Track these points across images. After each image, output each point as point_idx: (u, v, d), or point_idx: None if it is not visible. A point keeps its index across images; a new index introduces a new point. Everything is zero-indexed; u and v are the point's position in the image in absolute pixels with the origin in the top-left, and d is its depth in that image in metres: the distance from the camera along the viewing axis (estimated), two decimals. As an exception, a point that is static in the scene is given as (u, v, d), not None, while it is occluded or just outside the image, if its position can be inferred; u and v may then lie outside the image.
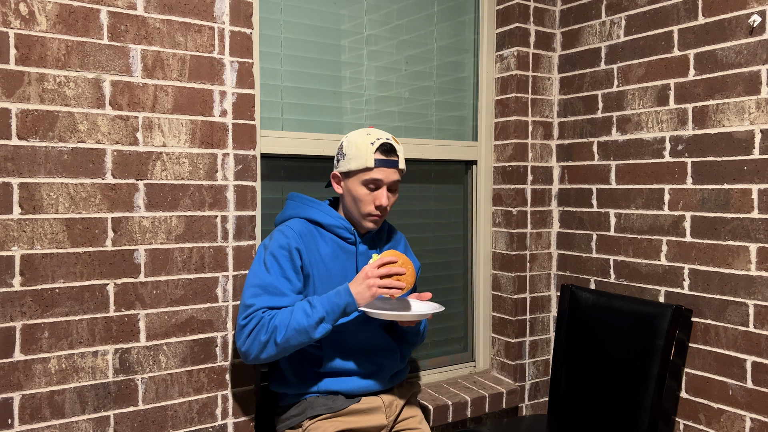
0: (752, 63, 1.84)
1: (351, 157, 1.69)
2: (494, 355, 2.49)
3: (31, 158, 1.50)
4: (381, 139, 1.70)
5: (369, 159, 1.67)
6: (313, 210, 1.75)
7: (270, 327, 1.57)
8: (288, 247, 1.64)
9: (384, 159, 1.68)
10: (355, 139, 1.71)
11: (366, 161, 1.67)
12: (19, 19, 1.48)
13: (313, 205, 1.76)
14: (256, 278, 1.63)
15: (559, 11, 2.46)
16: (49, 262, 1.53)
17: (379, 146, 1.68)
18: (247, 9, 1.78)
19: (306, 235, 1.69)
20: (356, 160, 1.68)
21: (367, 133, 1.72)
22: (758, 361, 1.83)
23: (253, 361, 1.61)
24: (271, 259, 1.63)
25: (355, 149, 1.69)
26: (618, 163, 2.23)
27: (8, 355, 1.49)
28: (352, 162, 1.69)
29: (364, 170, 1.68)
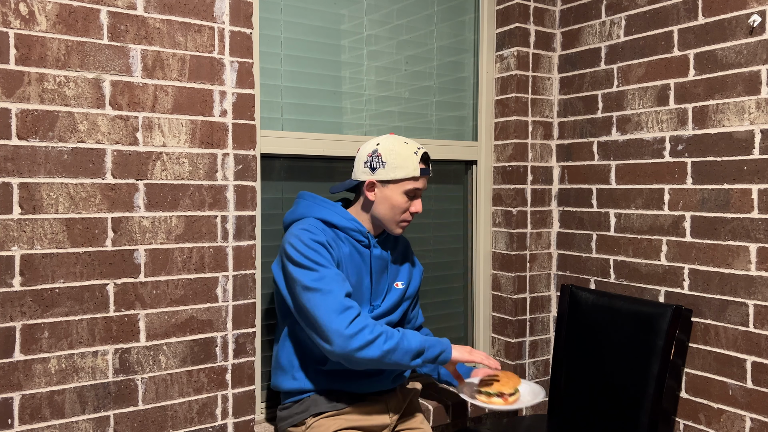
0: (752, 63, 1.84)
1: (395, 166, 1.71)
2: (494, 355, 2.49)
3: (31, 158, 1.50)
4: (421, 148, 1.77)
5: (415, 168, 1.72)
6: (327, 211, 1.74)
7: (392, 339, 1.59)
8: (320, 241, 1.64)
9: (426, 168, 1.75)
10: (396, 148, 1.73)
11: (413, 170, 1.72)
12: (19, 19, 1.48)
13: (326, 205, 1.75)
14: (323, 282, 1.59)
15: (559, 11, 2.46)
16: (49, 262, 1.53)
17: (422, 156, 1.75)
18: (247, 9, 1.78)
19: (327, 231, 1.70)
20: (402, 170, 1.71)
21: (405, 142, 1.75)
22: (758, 361, 1.83)
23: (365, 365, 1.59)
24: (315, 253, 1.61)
25: (399, 159, 1.71)
26: (618, 163, 2.23)
27: (8, 355, 1.49)
28: (397, 171, 1.71)
29: (410, 179, 1.72)
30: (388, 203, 1.73)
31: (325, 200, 1.77)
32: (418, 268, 1.96)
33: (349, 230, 1.74)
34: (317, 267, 1.60)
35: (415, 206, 1.75)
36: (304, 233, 1.64)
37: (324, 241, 1.64)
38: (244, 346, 1.80)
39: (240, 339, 1.79)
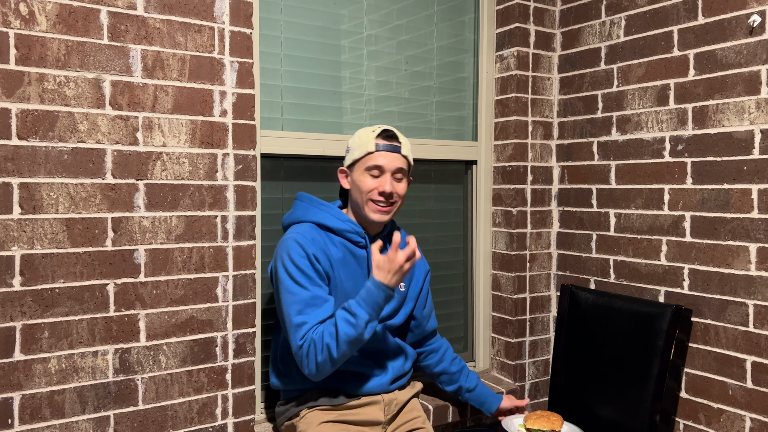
0: (752, 63, 1.84)
1: (354, 147, 1.72)
2: (494, 355, 2.49)
3: (31, 158, 1.50)
4: (382, 127, 1.73)
5: (370, 144, 1.69)
6: (323, 213, 1.73)
7: (322, 346, 1.56)
8: (307, 254, 1.63)
9: (385, 143, 1.69)
10: (359, 132, 1.75)
11: (367, 146, 1.69)
12: (19, 19, 1.48)
13: (322, 208, 1.74)
14: (293, 295, 1.61)
15: (559, 11, 2.46)
16: (49, 262, 1.53)
17: (380, 132, 1.71)
18: (247, 9, 1.78)
19: (317, 240, 1.67)
20: (358, 149, 1.70)
21: (371, 127, 1.75)
22: (758, 361, 1.83)
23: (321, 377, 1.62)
24: (298, 272, 1.61)
25: (357, 139, 1.72)
26: (618, 163, 2.23)
27: (8, 355, 1.49)
28: (354, 151, 1.71)
29: (366, 156, 1.69)
30: (356, 187, 1.71)
31: (322, 202, 1.76)
32: (421, 268, 1.92)
33: (345, 232, 1.72)
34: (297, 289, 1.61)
35: (381, 185, 1.68)
36: (294, 248, 1.63)
37: (312, 253, 1.63)
38: (244, 346, 1.80)
39: (240, 339, 1.79)
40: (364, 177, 1.69)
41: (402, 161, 1.72)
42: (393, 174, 1.70)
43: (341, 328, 1.56)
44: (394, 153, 1.71)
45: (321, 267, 1.65)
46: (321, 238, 1.69)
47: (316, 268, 1.63)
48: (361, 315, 1.56)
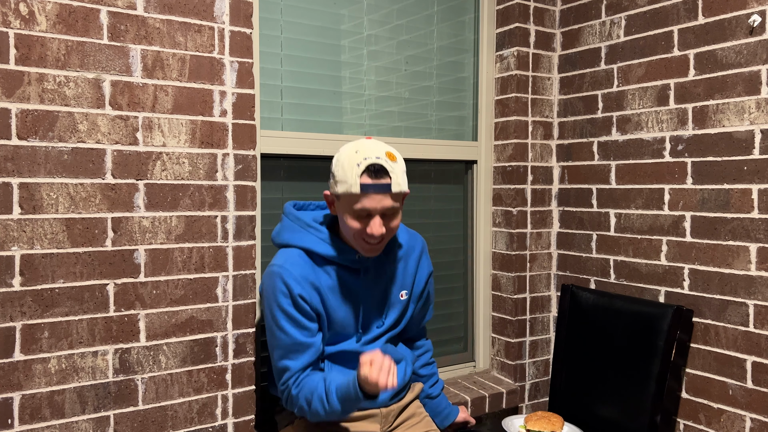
0: (752, 63, 1.84)
1: (338, 180, 1.49)
2: (494, 355, 2.49)
3: (31, 158, 1.50)
4: (369, 158, 1.45)
5: (354, 184, 1.45)
6: (311, 238, 1.59)
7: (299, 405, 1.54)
8: (290, 295, 1.53)
9: (372, 183, 1.45)
10: (343, 157, 1.50)
11: (351, 186, 1.45)
12: (19, 19, 1.48)
13: (311, 231, 1.60)
14: (276, 339, 1.56)
15: (559, 11, 2.46)
16: (49, 262, 1.53)
17: (365, 168, 1.44)
18: (247, 9, 1.78)
19: (306, 272, 1.55)
20: (342, 184, 1.48)
21: (356, 150, 1.48)
22: (758, 361, 1.83)
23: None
24: (281, 315, 1.54)
25: (341, 171, 1.48)
26: (618, 163, 2.23)
27: (8, 355, 1.49)
28: (339, 185, 1.49)
29: (350, 196, 1.47)
30: (342, 221, 1.52)
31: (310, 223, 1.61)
32: (423, 270, 1.79)
33: (336, 259, 1.59)
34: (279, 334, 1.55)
35: (370, 227, 1.47)
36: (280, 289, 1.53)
37: (298, 294, 1.52)
38: (244, 346, 1.80)
39: (240, 339, 1.79)
40: (349, 218, 1.50)
41: (391, 199, 1.49)
42: (383, 214, 1.49)
43: (314, 403, 1.51)
44: (383, 194, 1.46)
45: (308, 306, 1.55)
46: (310, 269, 1.57)
47: (302, 310, 1.54)
48: (335, 407, 1.48)
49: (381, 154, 1.47)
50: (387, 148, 1.50)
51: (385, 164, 1.46)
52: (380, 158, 1.46)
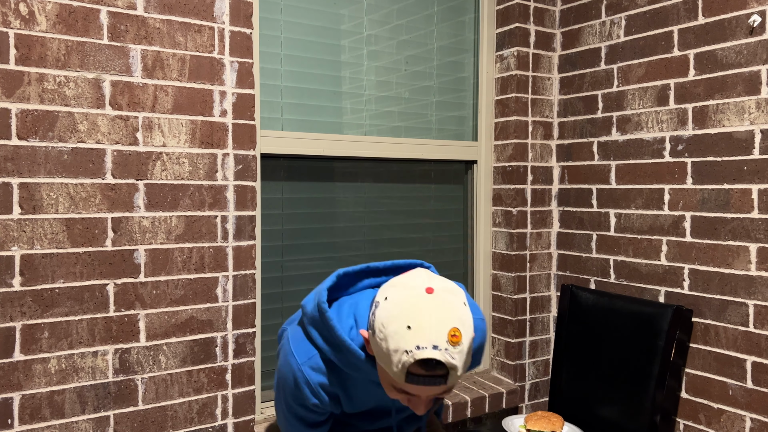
0: (752, 63, 1.84)
1: (379, 349, 1.15)
2: (494, 355, 2.49)
3: (31, 158, 1.50)
4: (425, 348, 1.08)
5: (399, 373, 1.12)
6: (342, 358, 1.29)
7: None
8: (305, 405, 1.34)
9: (424, 375, 1.11)
10: (392, 328, 1.12)
11: (393, 369, 1.13)
12: (19, 19, 1.48)
13: (342, 349, 1.28)
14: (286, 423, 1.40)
15: (559, 11, 2.46)
16: (49, 262, 1.53)
17: (418, 363, 1.10)
18: (247, 9, 1.78)
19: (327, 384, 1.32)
20: (384, 356, 1.14)
21: (408, 323, 1.10)
22: (758, 361, 1.83)
23: None
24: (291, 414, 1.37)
25: (385, 341, 1.13)
26: (618, 163, 2.23)
27: (8, 355, 1.49)
28: (381, 357, 1.15)
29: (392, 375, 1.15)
30: (380, 373, 1.22)
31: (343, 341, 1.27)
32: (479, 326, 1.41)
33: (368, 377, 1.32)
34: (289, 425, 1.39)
35: (415, 405, 1.19)
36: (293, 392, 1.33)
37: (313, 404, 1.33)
38: (244, 346, 1.80)
39: (240, 339, 1.79)
40: (388, 387, 1.20)
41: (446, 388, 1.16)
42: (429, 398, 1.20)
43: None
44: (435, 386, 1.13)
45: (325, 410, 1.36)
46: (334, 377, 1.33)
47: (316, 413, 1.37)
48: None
49: (441, 341, 1.09)
50: (452, 323, 1.10)
51: (445, 357, 1.09)
52: (439, 347, 1.08)
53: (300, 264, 2.07)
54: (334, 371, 1.31)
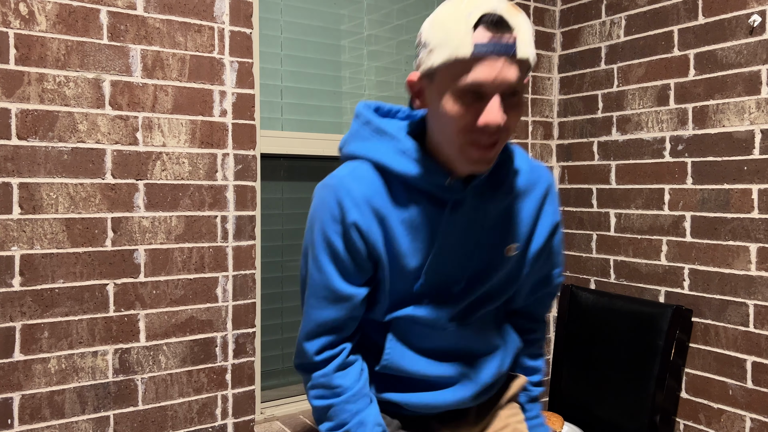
0: (752, 63, 1.84)
1: (434, 45, 0.96)
2: (494, 355, 2.49)
3: (31, 158, 1.50)
4: (483, 6, 0.94)
5: (463, 43, 0.93)
6: (384, 148, 1.08)
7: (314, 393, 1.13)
8: (342, 221, 1.05)
9: (489, 42, 0.92)
10: (441, 14, 0.97)
11: (457, 47, 0.93)
12: (19, 19, 1.48)
13: (385, 139, 1.08)
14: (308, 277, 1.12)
15: (559, 11, 2.46)
16: (49, 262, 1.53)
17: (479, 19, 0.93)
18: (246, 9, 1.78)
19: (369, 196, 1.06)
20: (442, 49, 0.95)
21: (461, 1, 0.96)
22: (758, 361, 1.83)
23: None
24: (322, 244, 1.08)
25: (439, 31, 0.96)
26: (618, 163, 2.23)
27: (8, 355, 1.49)
28: (435, 53, 0.96)
29: (455, 64, 0.94)
30: (437, 115, 1.00)
31: (387, 127, 1.09)
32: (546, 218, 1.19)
33: (418, 181, 1.05)
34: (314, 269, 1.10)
35: (485, 114, 0.94)
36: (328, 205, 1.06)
37: (352, 222, 1.04)
38: (244, 346, 1.80)
39: (240, 339, 1.79)
40: (451, 103, 0.96)
41: (516, 70, 0.94)
42: (504, 96, 0.95)
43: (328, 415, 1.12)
44: (506, 57, 0.93)
45: (363, 244, 1.06)
46: (377, 190, 1.07)
47: (352, 246, 1.06)
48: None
49: (499, 4, 0.95)
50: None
51: (508, 15, 0.94)
52: (498, 9, 0.94)
53: (300, 264, 2.07)
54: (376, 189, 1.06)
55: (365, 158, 1.09)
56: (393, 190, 1.08)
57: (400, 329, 1.14)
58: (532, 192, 1.17)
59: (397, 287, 1.12)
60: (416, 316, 1.12)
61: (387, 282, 1.11)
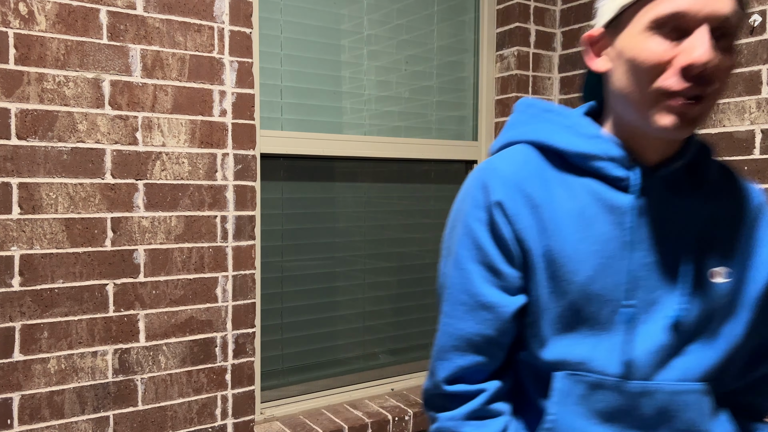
0: (752, 63, 1.84)
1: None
2: (494, 356, 2.49)
3: (31, 158, 1.50)
4: None
5: None
6: (550, 125, 0.85)
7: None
8: (488, 207, 0.81)
9: None
10: None
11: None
12: (18, 18, 1.48)
13: (550, 116, 0.86)
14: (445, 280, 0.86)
15: (559, 11, 2.46)
16: (49, 262, 1.53)
17: None
18: (246, 8, 1.78)
19: (520, 179, 0.82)
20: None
21: None
22: (759, 362, 1.83)
23: None
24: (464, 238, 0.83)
25: None
26: (618, 163, 2.23)
27: (8, 356, 1.49)
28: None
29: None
30: (624, 69, 0.77)
31: (553, 107, 0.87)
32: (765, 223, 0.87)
33: (590, 159, 0.81)
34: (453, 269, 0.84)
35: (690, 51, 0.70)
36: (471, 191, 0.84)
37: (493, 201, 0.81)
38: (243, 346, 1.80)
39: (240, 339, 1.79)
40: (642, 44, 0.74)
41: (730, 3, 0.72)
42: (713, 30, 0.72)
43: None
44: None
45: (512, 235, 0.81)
46: (532, 171, 0.83)
47: (499, 237, 0.81)
48: None
49: None
50: None
51: None
52: None
53: (300, 264, 2.07)
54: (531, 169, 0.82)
55: (525, 141, 0.87)
56: (555, 174, 0.83)
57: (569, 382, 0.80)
58: (746, 205, 0.86)
59: (556, 309, 0.80)
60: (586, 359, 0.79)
61: (543, 298, 0.80)
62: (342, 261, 2.17)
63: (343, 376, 2.16)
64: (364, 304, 2.21)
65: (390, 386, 2.23)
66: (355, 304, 2.19)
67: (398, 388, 2.24)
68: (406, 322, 2.31)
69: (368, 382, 2.20)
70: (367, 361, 2.22)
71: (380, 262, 2.24)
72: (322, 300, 2.12)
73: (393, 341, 2.28)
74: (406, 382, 2.27)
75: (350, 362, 2.19)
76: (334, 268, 2.15)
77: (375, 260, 2.24)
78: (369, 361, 2.23)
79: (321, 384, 2.11)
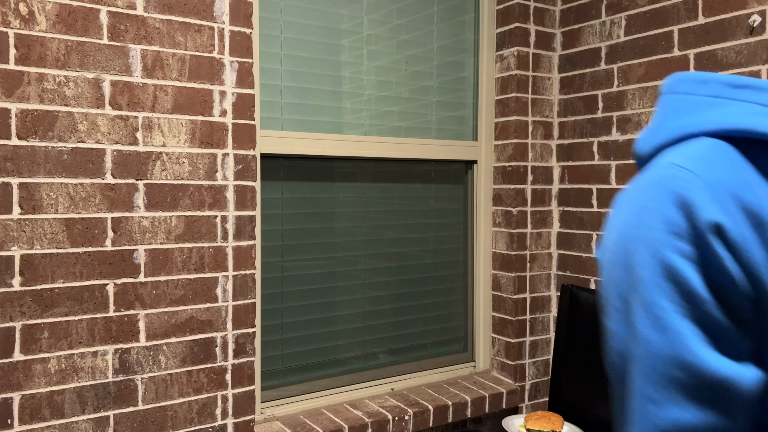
0: (752, 63, 1.84)
1: None
2: (494, 356, 2.49)
3: (31, 158, 1.50)
4: None
5: None
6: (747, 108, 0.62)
7: None
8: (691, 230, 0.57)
9: None
10: None
11: None
12: (18, 18, 1.48)
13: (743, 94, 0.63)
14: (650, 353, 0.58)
15: (559, 11, 2.46)
16: (49, 262, 1.53)
17: None
18: (246, 9, 1.78)
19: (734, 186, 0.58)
20: None
21: None
22: (758, 362, 1.83)
23: None
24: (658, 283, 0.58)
25: None
26: (618, 163, 2.23)
27: (8, 356, 1.49)
28: None
29: None
30: None
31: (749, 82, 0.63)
32: None
33: None
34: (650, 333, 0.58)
35: None
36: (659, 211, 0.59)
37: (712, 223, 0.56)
38: (243, 346, 1.80)
39: (240, 339, 1.79)
40: None
41: None
42: None
43: None
44: None
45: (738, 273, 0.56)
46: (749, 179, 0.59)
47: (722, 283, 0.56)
48: None
49: None
50: None
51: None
52: None
53: (300, 264, 2.07)
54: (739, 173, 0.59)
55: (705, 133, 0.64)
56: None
57: None
58: None
59: None
60: None
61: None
62: (342, 261, 2.17)
63: (343, 376, 2.16)
64: (364, 304, 2.21)
65: (390, 386, 2.23)
66: (355, 304, 2.19)
67: (398, 388, 2.25)
68: (406, 322, 2.31)
69: (368, 381, 2.20)
70: (366, 361, 2.23)
71: (380, 262, 2.25)
72: (322, 300, 2.12)
73: (393, 341, 2.28)
74: (405, 382, 2.28)
75: (350, 362, 2.19)
76: (334, 268, 2.15)
77: (375, 260, 2.24)
78: (369, 361, 2.23)
79: (321, 384, 2.11)
